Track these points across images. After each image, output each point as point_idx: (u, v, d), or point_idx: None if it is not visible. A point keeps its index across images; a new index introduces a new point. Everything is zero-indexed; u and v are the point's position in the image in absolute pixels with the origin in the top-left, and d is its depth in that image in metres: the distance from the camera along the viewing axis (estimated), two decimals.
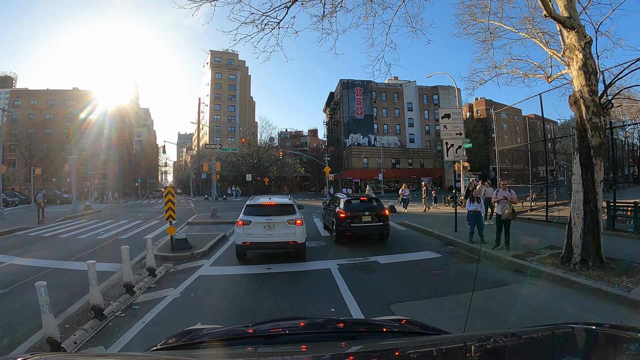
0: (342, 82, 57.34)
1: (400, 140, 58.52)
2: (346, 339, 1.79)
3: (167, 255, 8.83)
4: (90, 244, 11.59)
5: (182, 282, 6.91)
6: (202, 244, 9.81)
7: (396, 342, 1.67)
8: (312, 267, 7.69)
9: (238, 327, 2.10)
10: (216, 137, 66.98)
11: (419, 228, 12.80)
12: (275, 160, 60.26)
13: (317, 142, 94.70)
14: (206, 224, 15.19)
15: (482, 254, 8.61)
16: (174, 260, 8.68)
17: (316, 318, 2.81)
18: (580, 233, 6.83)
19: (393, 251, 9.22)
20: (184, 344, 1.77)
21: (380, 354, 1.39)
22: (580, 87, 7.17)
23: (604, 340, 1.33)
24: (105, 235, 13.60)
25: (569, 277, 6.26)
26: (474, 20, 15.98)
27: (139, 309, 5.73)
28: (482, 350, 1.36)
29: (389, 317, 2.67)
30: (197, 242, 10.17)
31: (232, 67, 76.00)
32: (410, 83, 62.28)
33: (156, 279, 7.18)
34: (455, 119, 12.09)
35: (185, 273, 7.52)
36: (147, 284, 6.90)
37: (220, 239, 11.11)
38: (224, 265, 8.01)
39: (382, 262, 7.96)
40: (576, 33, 7.10)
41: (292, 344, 1.76)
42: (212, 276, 7.21)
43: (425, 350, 1.42)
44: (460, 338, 1.67)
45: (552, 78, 15.22)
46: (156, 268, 7.43)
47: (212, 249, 9.67)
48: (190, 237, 11.10)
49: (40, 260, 9.18)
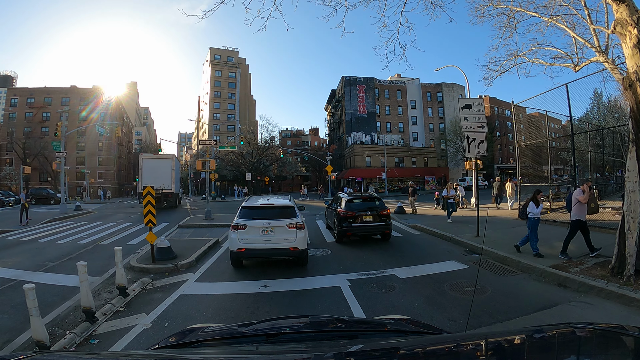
0: (344, 79, 55.94)
1: (404, 139, 57.11)
2: (348, 338, 1.78)
3: (146, 267, 7.54)
4: (68, 250, 10.28)
5: (158, 304, 5.62)
6: (190, 253, 8.50)
7: (398, 341, 1.68)
8: (318, 283, 6.36)
9: (239, 325, 2.07)
10: (216, 135, 65.76)
11: (434, 232, 11.49)
12: (275, 159, 58.97)
13: (319, 140, 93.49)
14: (199, 226, 13.87)
15: (514, 263, 7.34)
16: (154, 273, 7.38)
17: (317, 317, 2.84)
18: (635, 240, 5.78)
19: (411, 261, 7.90)
20: (185, 343, 1.77)
21: (382, 353, 1.38)
22: (637, 68, 6.14)
23: (605, 340, 1.31)
24: (88, 240, 12.34)
25: (626, 292, 5.21)
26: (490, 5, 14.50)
27: (97, 344, 4.48)
28: (484, 350, 1.33)
29: (390, 316, 2.65)
30: (184, 249, 8.87)
31: (232, 64, 74.62)
32: (414, 80, 60.86)
33: (127, 300, 5.89)
34: (477, 110, 10.76)
35: (164, 291, 6.21)
36: (115, 307, 5.62)
37: (212, 245, 9.77)
38: (212, 281, 6.68)
39: (401, 277, 6.64)
40: (627, 6, 6.14)
41: (293, 343, 1.75)
42: (196, 296, 5.89)
43: (427, 349, 1.40)
44: (461, 337, 1.69)
45: (581, 66, 13.80)
46: (128, 286, 6.13)
47: (200, 259, 8.33)
48: (178, 243, 9.82)
49: (8, 270, 7.94)
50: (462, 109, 10.57)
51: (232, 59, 75.51)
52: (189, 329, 2.06)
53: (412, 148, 56.03)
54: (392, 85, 58.97)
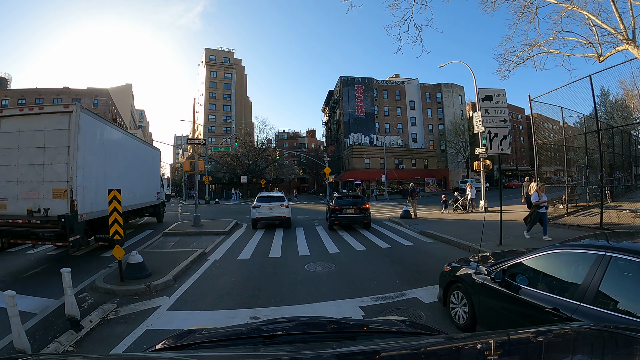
0: (342, 79, 54.79)
1: (403, 140, 55.99)
2: (345, 340, 1.78)
3: (112, 289, 6.18)
4: (18, 263, 8.48)
5: (116, 342, 4.29)
6: (168, 268, 7.13)
7: (395, 342, 1.66)
8: (323, 312, 5.03)
9: (237, 327, 2.11)
10: (211, 137, 64.31)
11: (450, 240, 10.22)
12: (272, 161, 57.58)
13: (316, 142, 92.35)
14: (186, 234, 12.47)
15: None
16: (121, 296, 6.04)
17: (315, 318, 2.99)
18: None
19: (433, 278, 6.55)
20: (183, 345, 1.74)
21: (379, 354, 1.37)
22: None
23: (604, 340, 1.33)
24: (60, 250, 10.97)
25: None
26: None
27: None
28: (482, 350, 1.34)
29: (388, 317, 2.70)
30: (162, 264, 7.50)
31: (227, 65, 73.28)
32: (413, 81, 59.90)
33: (79, 336, 4.54)
34: (498, 102, 9.53)
35: (128, 323, 4.86)
36: (62, 346, 4.29)
37: (196, 258, 8.37)
38: (190, 309, 5.29)
39: (426, 301, 5.33)
40: None
41: (291, 344, 1.73)
42: (166, 332, 4.53)
43: (424, 350, 1.41)
44: (459, 338, 1.70)
45: (606, 56, 12.54)
46: (80, 318, 4.78)
47: (180, 277, 6.93)
48: (157, 256, 8.45)
49: None
50: (482, 100, 9.33)
51: (228, 59, 74.18)
52: (186, 331, 2.04)
53: (412, 149, 54.91)
54: (390, 85, 57.93)
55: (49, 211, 7.56)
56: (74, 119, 7.85)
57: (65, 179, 7.70)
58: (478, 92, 9.58)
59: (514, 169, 68.40)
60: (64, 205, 7.61)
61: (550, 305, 2.87)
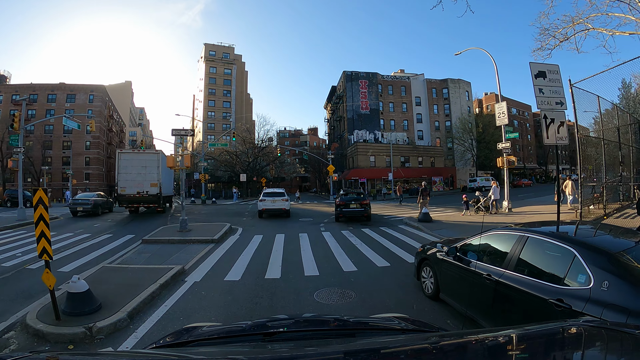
0: (346, 74, 52.78)
1: (409, 137, 53.99)
2: (345, 337, 1.76)
3: (42, 331, 4.31)
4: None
5: None
6: (126, 298, 5.20)
7: (394, 339, 1.66)
8: None
9: (237, 324, 2.09)
10: (210, 134, 62.49)
11: None
12: (273, 159, 55.70)
13: (317, 140, 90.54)
14: (169, 242, 10.53)
15: None
16: (52, 342, 4.17)
17: (315, 316, 2.92)
18: None
19: None
20: (182, 342, 1.73)
21: (379, 351, 1.36)
22: None
23: (604, 337, 1.30)
24: (17, 260, 9.24)
25: None
26: None
27: None
28: (480, 347, 1.32)
29: (388, 315, 2.61)
30: (120, 289, 5.58)
31: (227, 61, 71.30)
32: (418, 76, 57.88)
33: None
34: (553, 80, 7.60)
35: None
36: None
37: (169, 281, 6.31)
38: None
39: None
40: None
41: (290, 342, 1.71)
42: None
43: (423, 347, 1.39)
44: (458, 335, 1.78)
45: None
46: None
47: (139, 313, 4.95)
48: (118, 275, 6.59)
49: None
50: (535, 77, 7.42)
51: (228, 55, 72.21)
52: (185, 328, 2.02)
53: (418, 147, 52.90)
54: (395, 80, 55.92)
55: (149, 192, 18.49)
56: (159, 155, 19.48)
57: (157, 179, 18.70)
58: (531, 67, 7.62)
59: (522, 167, 66.42)
60: (156, 189, 18.59)
61: (485, 272, 3.72)
